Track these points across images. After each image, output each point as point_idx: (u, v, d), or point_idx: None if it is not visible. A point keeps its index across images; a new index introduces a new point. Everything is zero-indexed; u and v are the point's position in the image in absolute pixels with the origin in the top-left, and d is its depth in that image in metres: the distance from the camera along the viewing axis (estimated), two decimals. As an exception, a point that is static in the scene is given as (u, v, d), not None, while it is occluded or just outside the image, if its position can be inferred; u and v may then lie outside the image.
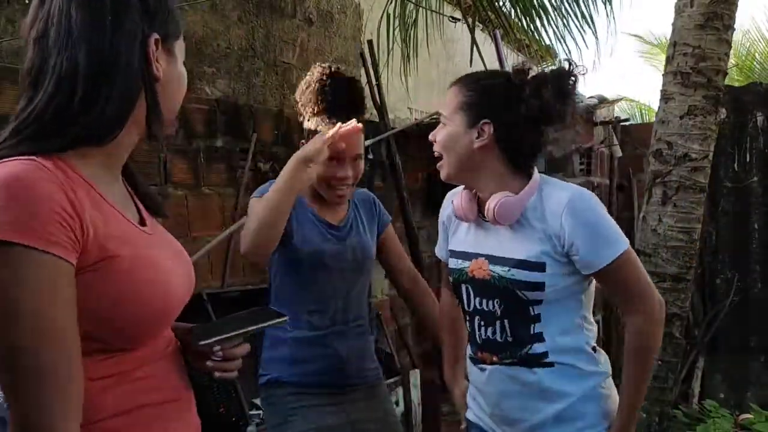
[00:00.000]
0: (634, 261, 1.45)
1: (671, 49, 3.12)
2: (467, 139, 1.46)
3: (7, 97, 2.40)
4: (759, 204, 4.07)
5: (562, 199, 1.42)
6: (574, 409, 1.45)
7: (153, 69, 0.93)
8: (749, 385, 4.06)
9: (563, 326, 1.46)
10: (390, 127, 4.25)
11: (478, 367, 1.56)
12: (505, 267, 1.45)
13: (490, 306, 1.48)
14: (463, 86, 1.49)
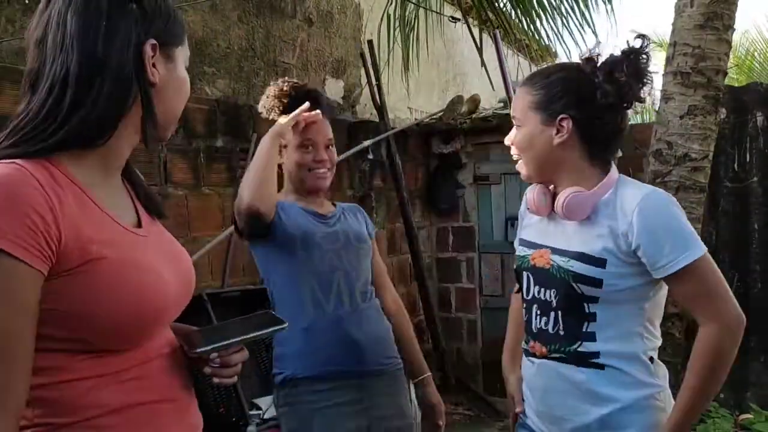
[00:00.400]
0: (712, 268, 1.36)
1: (671, 49, 3.12)
2: (546, 137, 1.44)
3: (7, 97, 2.40)
4: (759, 204, 4.07)
5: (635, 198, 1.38)
6: (620, 417, 1.40)
7: (148, 74, 0.94)
8: (749, 385, 4.06)
9: (620, 331, 1.41)
10: (390, 127, 4.25)
11: (529, 359, 1.54)
12: (565, 258, 1.42)
13: (547, 296, 1.46)
14: (532, 85, 1.47)
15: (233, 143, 3.33)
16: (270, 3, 3.79)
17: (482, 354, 4.83)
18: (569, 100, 1.42)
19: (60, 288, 0.83)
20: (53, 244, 0.82)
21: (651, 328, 1.45)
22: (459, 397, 4.60)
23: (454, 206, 4.88)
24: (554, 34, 4.14)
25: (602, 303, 1.39)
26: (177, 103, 1.01)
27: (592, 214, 1.42)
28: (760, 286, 4.06)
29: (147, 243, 0.98)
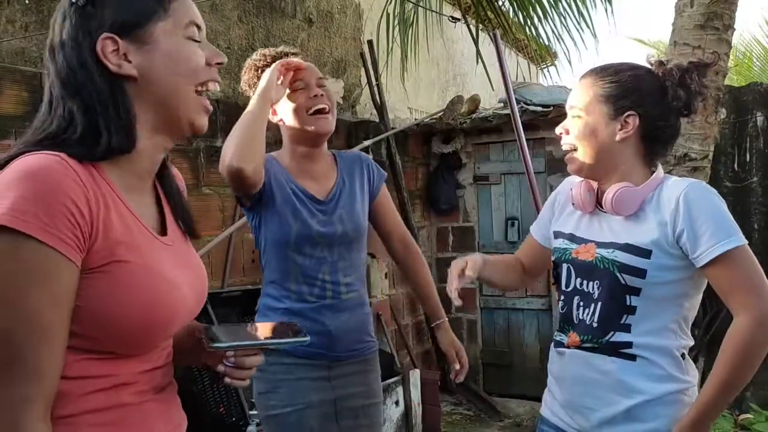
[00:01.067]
0: (751, 259, 1.35)
1: (671, 49, 3.12)
2: (609, 131, 1.43)
3: (7, 97, 2.40)
4: (759, 204, 4.07)
5: (679, 188, 1.39)
6: (647, 409, 1.39)
7: (114, 69, 0.90)
8: (749, 385, 4.04)
9: (656, 325, 1.41)
10: (390, 127, 4.25)
11: (557, 350, 1.54)
12: (610, 249, 1.43)
13: (589, 287, 1.46)
14: (601, 77, 1.45)
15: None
16: (270, 3, 3.79)
17: (482, 354, 4.83)
18: (639, 97, 1.42)
19: (85, 285, 0.84)
20: (86, 239, 0.83)
21: (685, 327, 1.45)
22: (459, 397, 4.60)
23: (454, 206, 4.88)
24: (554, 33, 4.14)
25: (644, 296, 1.39)
26: (177, 79, 0.94)
27: (639, 210, 1.43)
28: (760, 286, 4.05)
29: (170, 252, 0.98)
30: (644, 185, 1.44)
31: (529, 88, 4.58)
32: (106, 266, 0.85)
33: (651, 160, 1.48)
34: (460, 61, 6.37)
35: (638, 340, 1.40)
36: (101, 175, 0.89)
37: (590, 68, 1.50)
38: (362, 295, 1.91)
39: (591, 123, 1.44)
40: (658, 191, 1.44)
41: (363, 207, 1.91)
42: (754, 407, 3.70)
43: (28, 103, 2.46)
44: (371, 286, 4.13)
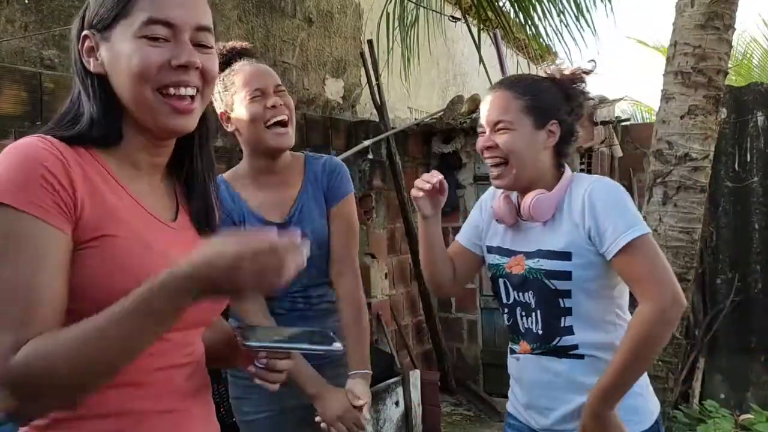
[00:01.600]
0: (653, 247, 1.42)
1: (672, 49, 3.12)
2: (539, 141, 1.51)
3: (7, 97, 2.40)
4: (759, 204, 4.07)
5: (584, 187, 1.48)
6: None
7: (89, 67, 0.95)
8: (749, 385, 4.06)
9: (594, 321, 1.48)
10: (390, 127, 4.25)
11: (514, 357, 1.60)
12: (535, 258, 1.50)
13: (526, 298, 1.53)
14: (519, 91, 1.51)
15: (233, 143, 3.32)
16: (270, 2, 3.78)
17: (482, 354, 4.83)
18: (555, 106, 1.52)
19: (74, 261, 0.84)
20: (70, 208, 0.84)
21: (622, 315, 1.52)
22: (459, 397, 4.60)
23: (454, 206, 4.88)
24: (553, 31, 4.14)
25: (575, 296, 1.46)
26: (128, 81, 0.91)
27: (555, 213, 1.51)
28: (760, 286, 4.06)
29: (172, 234, 0.97)
30: (556, 189, 1.51)
31: (530, 88, 4.56)
32: (97, 240, 0.86)
33: (560, 163, 1.57)
34: (460, 61, 6.37)
35: (583, 341, 1.47)
36: (95, 158, 0.92)
37: (501, 83, 1.58)
38: (332, 302, 1.79)
39: (521, 135, 1.50)
40: (569, 193, 1.51)
41: (323, 219, 1.76)
42: (755, 407, 3.70)
43: (28, 103, 2.46)
44: (371, 286, 4.12)
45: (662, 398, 3.09)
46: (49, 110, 2.53)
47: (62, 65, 2.65)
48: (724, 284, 4.13)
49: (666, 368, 3.07)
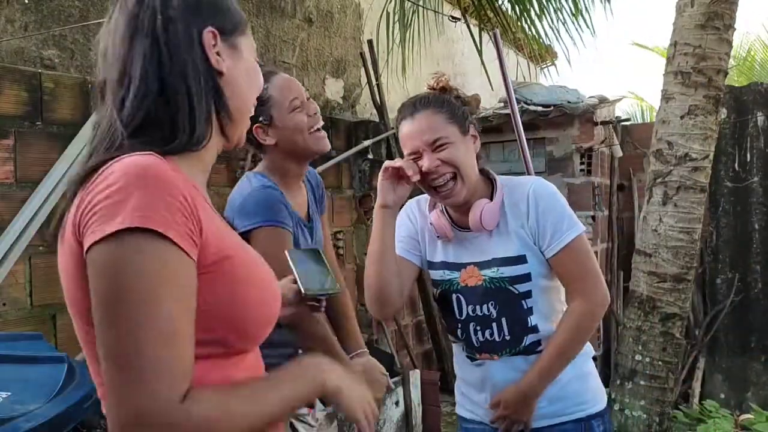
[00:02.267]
0: (587, 247, 1.51)
1: (672, 49, 3.12)
2: (470, 148, 1.53)
3: (7, 96, 2.40)
4: (759, 204, 4.07)
5: (524, 191, 1.51)
6: (564, 390, 1.52)
7: (213, 62, 0.89)
8: (749, 385, 4.06)
9: (548, 313, 1.54)
10: (390, 127, 4.25)
11: (474, 363, 1.60)
12: (493, 268, 1.51)
13: (484, 310, 1.53)
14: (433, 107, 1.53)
15: (233, 143, 3.32)
16: (270, 2, 3.78)
17: (482, 354, 4.83)
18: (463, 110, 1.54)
19: (202, 283, 0.80)
20: (197, 234, 0.80)
21: (563, 299, 1.59)
22: (459, 397, 4.59)
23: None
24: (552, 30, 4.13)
25: (534, 295, 1.51)
26: (250, 94, 0.96)
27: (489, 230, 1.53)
28: (760, 286, 4.06)
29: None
30: (497, 197, 1.52)
31: (529, 88, 4.57)
32: (218, 263, 0.82)
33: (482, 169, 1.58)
34: (460, 61, 6.37)
35: (545, 334, 1.52)
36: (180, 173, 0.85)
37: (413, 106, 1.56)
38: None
39: (460, 146, 1.50)
40: (507, 196, 1.53)
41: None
42: (755, 407, 3.70)
43: (28, 103, 2.46)
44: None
45: (662, 398, 3.10)
46: (49, 110, 2.53)
47: (62, 65, 2.65)
48: (724, 284, 4.13)
49: (666, 368, 3.07)
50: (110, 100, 0.87)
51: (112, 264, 0.74)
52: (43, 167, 2.49)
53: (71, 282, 0.82)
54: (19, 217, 2.38)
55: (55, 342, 2.48)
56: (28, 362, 1.73)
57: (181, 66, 0.86)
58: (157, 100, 0.85)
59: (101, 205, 0.75)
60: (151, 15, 0.87)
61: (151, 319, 0.74)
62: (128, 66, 0.86)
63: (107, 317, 0.74)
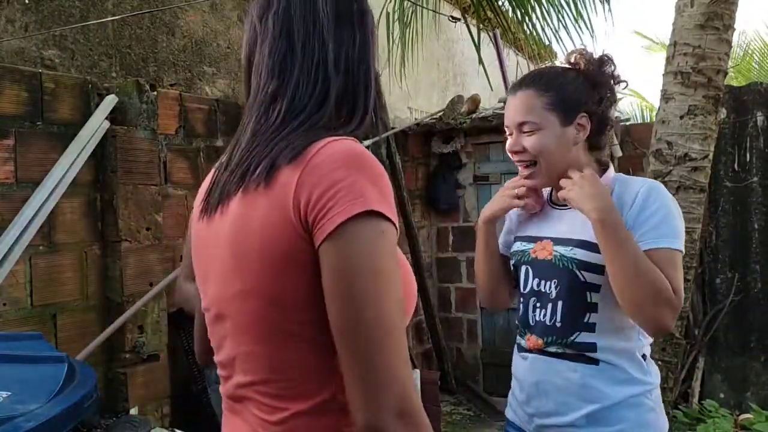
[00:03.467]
0: (679, 263, 1.37)
1: (671, 49, 3.12)
2: (568, 137, 1.43)
3: (7, 96, 2.40)
4: (759, 204, 4.07)
5: (638, 186, 1.42)
6: (609, 413, 1.39)
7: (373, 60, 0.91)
8: (749, 385, 4.06)
9: (619, 324, 1.41)
10: (390, 127, 4.25)
11: (521, 355, 1.53)
12: (568, 246, 1.43)
13: (546, 287, 1.46)
14: (540, 88, 1.44)
15: (233, 143, 3.32)
16: (270, 3, 3.79)
17: (482, 354, 4.83)
18: (581, 97, 1.43)
19: None
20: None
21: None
22: (459, 397, 4.60)
23: (454, 206, 4.88)
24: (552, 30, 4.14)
25: (604, 292, 1.39)
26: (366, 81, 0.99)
27: None
28: (759, 286, 4.06)
29: None
30: (604, 177, 1.45)
31: (529, 88, 4.56)
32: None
33: (598, 158, 1.51)
34: (460, 61, 6.37)
35: (602, 343, 1.40)
36: None
37: (523, 81, 1.49)
38: None
39: (550, 135, 1.43)
40: (616, 188, 1.45)
41: None
42: (754, 407, 3.70)
43: (28, 103, 2.46)
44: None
45: (662, 398, 3.10)
46: (50, 110, 2.53)
47: (62, 65, 2.66)
48: (724, 284, 4.13)
49: (666, 368, 3.08)
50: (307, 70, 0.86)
51: (366, 244, 0.75)
52: (43, 167, 2.50)
53: (268, 258, 0.79)
54: (19, 217, 2.38)
55: (55, 342, 2.48)
56: (28, 362, 1.73)
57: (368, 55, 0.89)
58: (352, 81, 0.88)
59: (337, 189, 0.76)
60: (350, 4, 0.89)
61: (397, 295, 0.77)
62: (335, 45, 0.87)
63: (363, 297, 0.75)
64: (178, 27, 3.40)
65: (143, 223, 2.80)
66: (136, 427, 2.44)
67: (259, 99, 0.89)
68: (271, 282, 0.79)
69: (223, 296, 0.85)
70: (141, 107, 2.81)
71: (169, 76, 3.36)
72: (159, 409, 2.84)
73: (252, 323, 0.82)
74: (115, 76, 3.10)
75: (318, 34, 0.87)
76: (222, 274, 0.85)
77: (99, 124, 2.66)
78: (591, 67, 1.46)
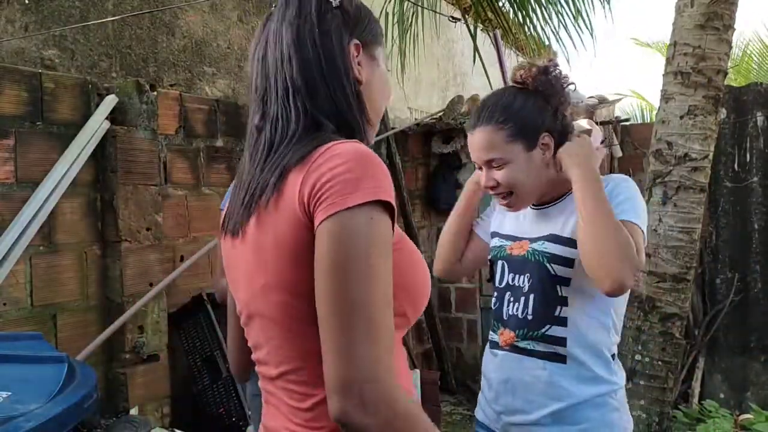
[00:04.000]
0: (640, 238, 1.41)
1: (671, 49, 3.12)
2: (536, 161, 1.46)
3: (7, 96, 2.40)
4: (759, 204, 4.07)
5: (610, 181, 1.46)
6: (576, 411, 1.41)
7: (354, 72, 0.96)
8: (749, 385, 4.06)
9: (590, 321, 1.43)
10: (390, 127, 4.25)
11: (492, 351, 1.56)
12: (540, 241, 1.47)
13: (519, 281, 1.49)
14: (496, 121, 1.46)
15: (233, 143, 3.33)
16: (270, 3, 3.78)
17: (482, 354, 4.83)
18: (537, 118, 1.46)
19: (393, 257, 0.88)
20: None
21: (617, 323, 1.48)
22: (459, 397, 4.60)
23: (454, 206, 4.88)
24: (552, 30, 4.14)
25: (573, 287, 1.42)
26: (383, 100, 1.04)
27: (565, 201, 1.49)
28: (760, 286, 4.06)
29: None
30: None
31: (529, 88, 4.56)
32: (401, 239, 0.91)
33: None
34: (460, 61, 6.37)
35: (572, 337, 1.42)
36: None
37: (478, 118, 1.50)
38: None
39: (519, 165, 1.45)
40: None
41: None
42: (754, 407, 3.70)
43: (28, 103, 2.46)
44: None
45: (662, 398, 3.10)
46: (49, 110, 2.53)
47: (62, 65, 2.66)
48: (724, 284, 4.13)
49: (666, 368, 3.08)
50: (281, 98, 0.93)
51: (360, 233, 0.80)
52: (43, 167, 2.50)
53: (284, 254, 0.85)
54: (19, 217, 2.38)
55: (55, 342, 2.48)
56: (28, 362, 1.74)
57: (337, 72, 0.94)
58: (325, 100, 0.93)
59: (336, 181, 0.81)
60: (310, 28, 0.95)
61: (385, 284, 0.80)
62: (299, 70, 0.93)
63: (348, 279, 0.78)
64: (178, 27, 3.40)
65: (143, 223, 2.80)
66: (136, 427, 2.44)
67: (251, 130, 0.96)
68: (288, 274, 0.85)
69: (251, 296, 0.91)
70: (141, 107, 2.81)
71: (169, 76, 3.36)
72: (159, 409, 2.84)
73: (278, 315, 0.88)
74: (115, 76, 3.10)
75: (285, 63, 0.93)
76: (247, 274, 0.91)
77: (99, 125, 2.66)
78: (538, 81, 1.47)
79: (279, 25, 0.96)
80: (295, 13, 0.95)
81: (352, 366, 0.76)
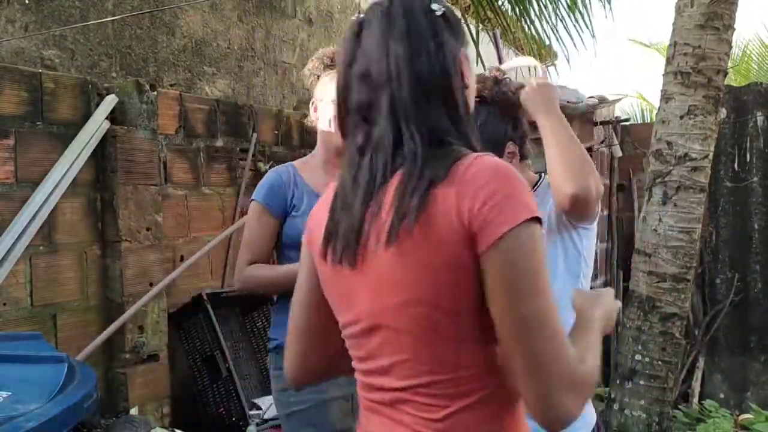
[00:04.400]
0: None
1: (671, 49, 3.12)
2: None
3: (7, 96, 2.40)
4: (759, 204, 4.07)
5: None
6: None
7: (466, 80, 0.97)
8: (749, 385, 4.06)
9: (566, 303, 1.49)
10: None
11: None
12: None
13: None
14: None
15: (233, 143, 3.33)
16: (270, 3, 3.79)
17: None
18: (502, 127, 1.50)
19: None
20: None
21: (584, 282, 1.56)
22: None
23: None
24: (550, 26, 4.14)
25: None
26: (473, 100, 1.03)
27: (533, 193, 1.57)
28: (760, 286, 4.06)
29: None
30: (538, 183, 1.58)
31: (529, 88, 4.56)
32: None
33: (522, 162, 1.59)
34: (460, 61, 6.37)
35: None
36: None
37: None
38: None
39: None
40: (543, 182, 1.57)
41: None
42: (754, 407, 3.71)
43: (28, 103, 2.46)
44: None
45: (662, 398, 3.10)
46: (49, 110, 2.53)
47: (62, 65, 2.66)
48: (724, 284, 4.13)
49: (666, 368, 3.08)
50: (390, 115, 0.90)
51: (529, 247, 0.83)
52: (43, 167, 2.50)
53: (436, 269, 0.85)
54: (19, 217, 2.38)
55: (55, 342, 2.48)
56: (28, 362, 1.74)
57: (452, 83, 0.94)
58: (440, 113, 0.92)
59: (497, 199, 0.83)
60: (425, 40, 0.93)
61: (549, 292, 0.85)
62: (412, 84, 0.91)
63: (530, 293, 0.83)
64: (178, 27, 3.40)
65: (143, 223, 2.80)
66: (136, 427, 2.44)
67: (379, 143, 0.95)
68: (434, 288, 0.86)
69: (380, 309, 0.90)
70: (141, 107, 2.81)
71: (169, 76, 3.36)
72: (159, 409, 2.84)
73: (414, 329, 0.88)
74: (115, 76, 3.10)
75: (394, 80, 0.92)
76: (376, 289, 0.90)
77: (99, 124, 2.66)
78: (493, 92, 1.51)
79: (383, 38, 0.92)
80: (405, 26, 0.92)
81: (554, 366, 0.82)
